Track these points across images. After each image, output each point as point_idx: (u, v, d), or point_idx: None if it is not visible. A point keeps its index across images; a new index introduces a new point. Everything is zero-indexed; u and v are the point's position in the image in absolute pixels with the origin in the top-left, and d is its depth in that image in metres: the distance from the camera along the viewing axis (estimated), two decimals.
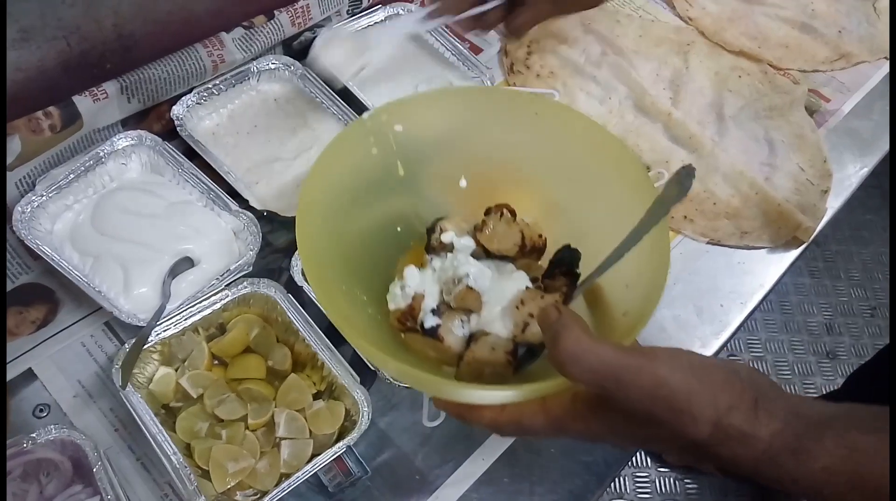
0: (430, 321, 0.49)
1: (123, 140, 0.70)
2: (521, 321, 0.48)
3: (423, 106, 0.54)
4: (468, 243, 0.53)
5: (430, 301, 0.50)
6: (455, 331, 0.49)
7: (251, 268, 0.66)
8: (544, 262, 0.54)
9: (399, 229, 0.55)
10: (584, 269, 0.51)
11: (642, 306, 0.43)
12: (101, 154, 0.69)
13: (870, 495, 0.35)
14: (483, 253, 0.53)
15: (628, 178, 0.50)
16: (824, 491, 0.36)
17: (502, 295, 0.50)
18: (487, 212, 0.54)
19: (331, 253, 0.49)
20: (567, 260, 0.52)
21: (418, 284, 0.51)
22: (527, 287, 0.50)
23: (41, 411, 0.61)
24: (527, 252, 0.53)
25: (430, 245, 0.54)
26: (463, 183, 0.56)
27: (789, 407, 0.37)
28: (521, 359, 0.48)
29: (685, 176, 0.43)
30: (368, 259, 0.52)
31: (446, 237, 0.53)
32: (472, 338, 0.49)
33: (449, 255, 0.52)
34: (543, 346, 0.47)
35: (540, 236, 0.54)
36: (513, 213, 0.54)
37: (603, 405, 0.40)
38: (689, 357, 0.38)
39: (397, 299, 0.51)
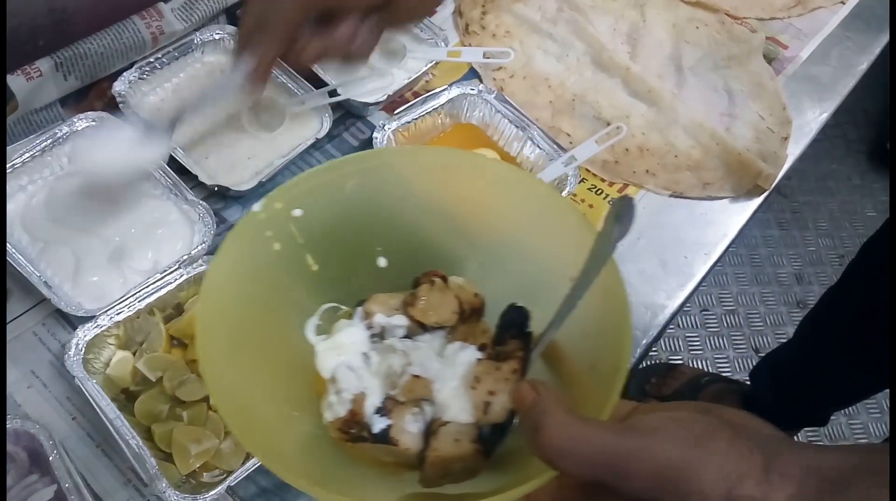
0: (378, 424, 0.43)
1: (83, 121, 0.68)
2: (482, 401, 0.42)
3: (319, 183, 0.46)
4: (400, 321, 0.47)
5: (374, 399, 0.44)
6: (409, 428, 0.43)
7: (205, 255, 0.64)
8: (490, 320, 0.48)
9: (320, 322, 0.49)
10: (534, 325, 0.46)
11: (613, 359, 0.39)
12: (59, 134, 0.67)
13: None
14: (419, 327, 0.47)
15: (557, 217, 0.46)
16: None
17: (453, 373, 0.44)
18: (416, 283, 0.48)
19: (246, 378, 0.43)
20: (517, 321, 0.46)
21: (355, 383, 0.45)
22: (478, 359, 0.45)
23: None
24: (466, 317, 0.48)
25: None
26: (382, 262, 0.50)
27: (803, 465, 0.33)
28: (488, 440, 0.43)
29: (623, 208, 0.38)
30: (292, 369, 0.47)
31: (375, 322, 0.47)
32: (429, 430, 0.43)
33: (384, 342, 0.46)
34: (511, 420, 0.42)
35: (476, 295, 0.49)
36: (444, 278, 0.49)
37: (597, 492, 0.36)
38: (690, 423, 0.34)
39: (334, 408, 0.44)
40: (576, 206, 0.45)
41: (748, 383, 1.39)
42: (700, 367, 1.59)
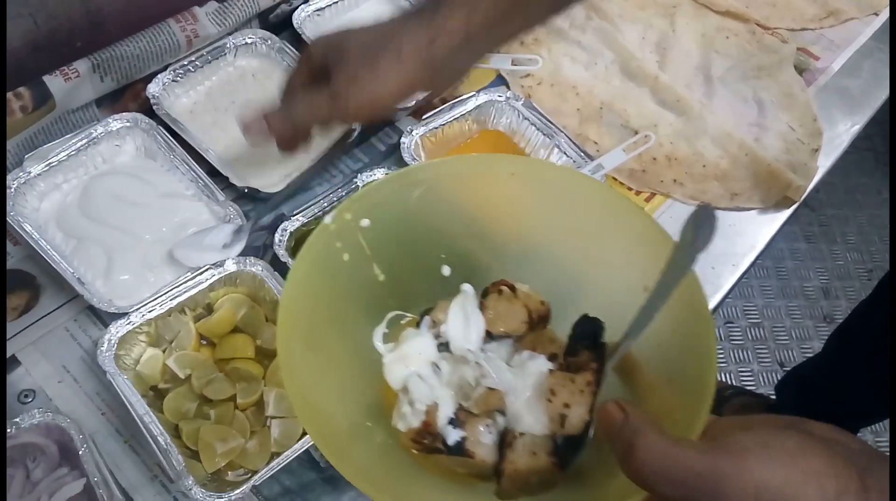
0: (452, 437, 0.42)
1: (118, 122, 0.69)
2: (557, 414, 0.42)
3: (386, 193, 0.47)
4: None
5: (446, 409, 0.44)
6: (484, 440, 0.42)
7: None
8: (558, 329, 0.48)
9: (387, 330, 0.49)
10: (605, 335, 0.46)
11: (696, 373, 0.38)
12: (95, 134, 0.68)
13: None
14: (486, 337, 0.47)
15: (629, 226, 0.45)
16: None
17: (525, 384, 0.44)
18: (485, 293, 0.48)
19: (322, 389, 0.43)
20: (590, 332, 0.45)
21: (427, 394, 0.44)
22: (550, 370, 0.44)
23: (26, 396, 0.60)
24: (534, 326, 0.48)
25: None
26: (446, 271, 0.50)
27: None
28: (564, 452, 0.42)
29: (704, 218, 0.37)
30: (362, 378, 0.47)
31: (443, 331, 0.47)
32: (503, 442, 0.43)
33: (454, 352, 0.46)
34: (587, 433, 0.42)
35: (542, 302, 0.48)
36: (511, 288, 0.48)
37: None
38: (783, 442, 0.33)
39: (407, 419, 0.44)
40: (648, 215, 0.44)
41: (773, 396, 1.37)
42: (724, 380, 1.57)
